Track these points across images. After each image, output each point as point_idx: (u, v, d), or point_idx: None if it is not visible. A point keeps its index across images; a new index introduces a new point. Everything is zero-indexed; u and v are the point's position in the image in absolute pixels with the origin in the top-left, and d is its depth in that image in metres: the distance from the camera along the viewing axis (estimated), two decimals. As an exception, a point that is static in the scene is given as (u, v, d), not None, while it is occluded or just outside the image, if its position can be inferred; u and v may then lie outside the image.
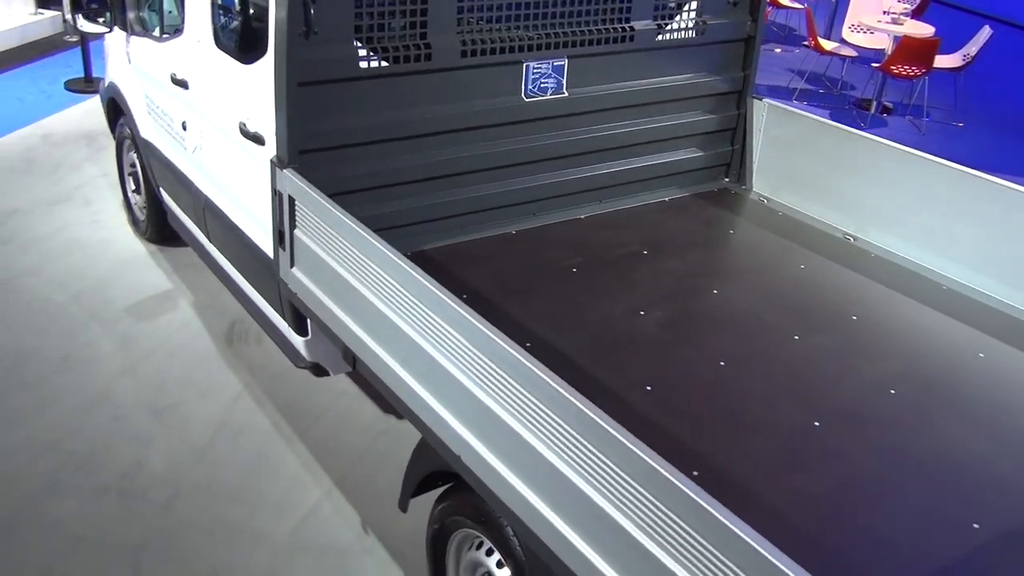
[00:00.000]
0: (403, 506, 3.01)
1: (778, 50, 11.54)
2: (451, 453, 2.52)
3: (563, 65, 3.76)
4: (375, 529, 3.53)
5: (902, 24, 8.94)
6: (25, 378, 4.24)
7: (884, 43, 9.42)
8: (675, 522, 1.80)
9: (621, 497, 1.92)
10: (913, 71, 8.47)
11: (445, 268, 3.48)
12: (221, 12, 3.68)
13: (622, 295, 3.38)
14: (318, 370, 3.64)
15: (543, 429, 2.11)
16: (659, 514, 1.84)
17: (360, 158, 3.37)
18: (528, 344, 3.01)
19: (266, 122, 3.25)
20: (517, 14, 3.56)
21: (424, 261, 3.52)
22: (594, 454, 1.98)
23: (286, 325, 3.57)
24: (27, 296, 4.89)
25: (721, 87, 4.27)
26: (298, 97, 3.11)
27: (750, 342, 3.13)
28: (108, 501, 3.58)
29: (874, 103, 9.21)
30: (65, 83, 8.04)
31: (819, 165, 4.07)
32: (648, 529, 1.87)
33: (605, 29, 3.79)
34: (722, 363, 3.00)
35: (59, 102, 7.68)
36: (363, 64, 3.26)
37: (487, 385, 2.27)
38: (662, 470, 1.81)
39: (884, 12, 9.44)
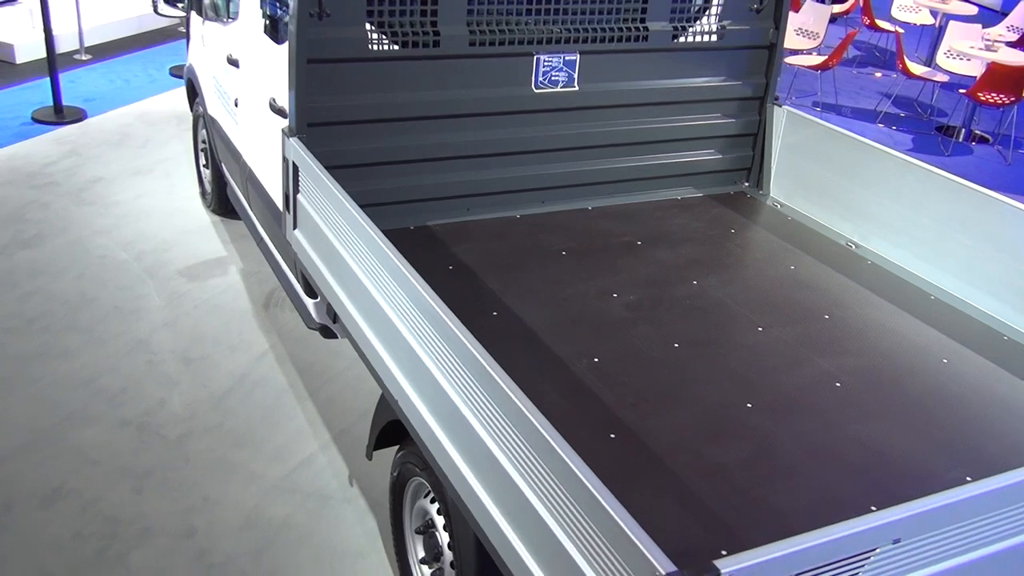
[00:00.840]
0: (368, 454, 3.24)
1: (878, 75, 11.33)
2: (396, 403, 2.74)
3: (575, 60, 3.94)
4: (360, 481, 3.77)
5: (996, 51, 8.70)
6: (79, 322, 4.68)
7: (977, 70, 9.18)
8: (549, 475, 1.94)
9: (512, 453, 2.09)
10: (1001, 99, 8.24)
11: (442, 242, 3.71)
12: (266, -3, 4.03)
13: (601, 278, 3.53)
14: (326, 332, 3.91)
15: (459, 386, 2.29)
16: (535, 466, 1.99)
17: (368, 134, 3.63)
18: (495, 312, 3.21)
19: (286, 96, 3.56)
20: (529, 8, 3.76)
21: (425, 235, 3.75)
22: (492, 407, 2.15)
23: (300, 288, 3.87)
24: (97, 253, 5.36)
25: (741, 92, 4.36)
26: (308, 73, 3.39)
27: (712, 329, 3.24)
28: (126, 432, 3.94)
29: (962, 130, 8.97)
30: (170, 69, 8.67)
31: (831, 172, 4.11)
32: (529, 483, 2.03)
33: (619, 28, 3.95)
34: (676, 345, 3.12)
35: (162, 85, 8.30)
36: (373, 47, 3.52)
37: (424, 345, 2.47)
38: (527, 413, 1.97)
39: (983, 39, 9.21)
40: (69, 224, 5.65)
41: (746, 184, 4.56)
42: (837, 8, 12.06)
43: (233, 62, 4.52)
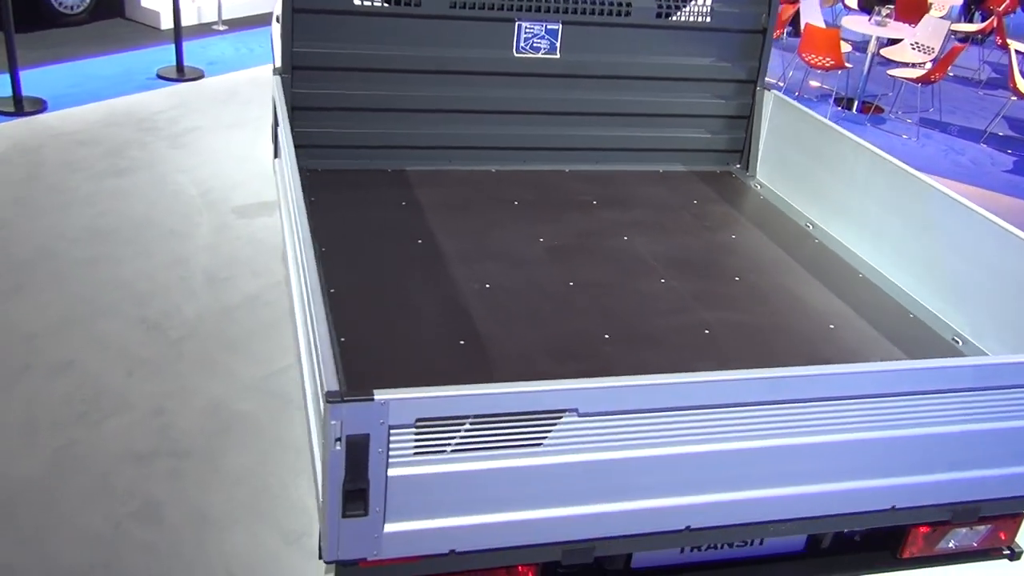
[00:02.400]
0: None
1: (1014, 97, 10.83)
2: None
3: (557, 29, 4.23)
4: (321, 392, 4.22)
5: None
6: (137, 238, 5.38)
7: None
8: (311, 311, 2.32)
9: (305, 302, 2.47)
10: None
11: (409, 184, 4.09)
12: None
13: (539, 226, 3.82)
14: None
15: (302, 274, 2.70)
16: (310, 306, 2.37)
17: (351, 81, 4.06)
18: (420, 240, 3.57)
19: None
20: (512, -24, 4.09)
21: (396, 177, 4.15)
22: (304, 278, 2.53)
23: None
24: (173, 187, 6.08)
25: (732, 74, 4.51)
26: (295, 20, 3.87)
27: (615, 276, 3.47)
28: (140, 328, 4.55)
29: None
30: (293, 42, 9.47)
31: (805, 157, 4.21)
32: (305, 315, 2.42)
33: (601, 1, 4.21)
34: (571, 283, 3.38)
35: (281, 56, 9.09)
36: (357, 1, 3.95)
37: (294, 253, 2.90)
38: (307, 274, 2.34)
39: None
40: (157, 162, 6.41)
41: (737, 166, 4.70)
42: (971, 27, 11.58)
43: (276, 18, 5.08)
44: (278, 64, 4.03)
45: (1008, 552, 2.96)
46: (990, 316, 3.22)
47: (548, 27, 4.22)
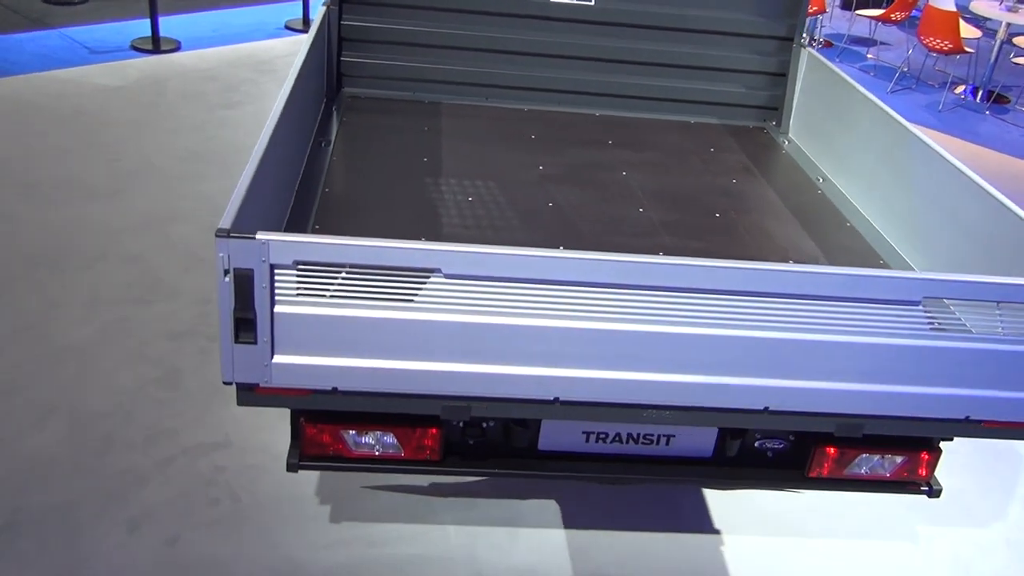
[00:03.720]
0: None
1: None
2: None
3: (593, -24, 4.43)
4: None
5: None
6: (228, 161, 5.96)
7: None
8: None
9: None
10: None
11: (440, 114, 4.40)
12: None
13: (545, 156, 4.05)
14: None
15: None
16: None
17: (395, 16, 4.40)
18: (425, 159, 3.88)
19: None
20: (551, -76, 4.32)
21: (430, 107, 4.47)
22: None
23: None
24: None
25: (766, 30, 4.56)
26: None
27: (594, 202, 3.66)
28: (206, 234, 5.10)
29: None
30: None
31: (830, 115, 4.24)
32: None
33: (638, -50, 4.38)
34: (550, 204, 3.60)
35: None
36: (405, -59, 4.29)
37: None
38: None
39: None
40: (265, 98, 7.02)
41: (773, 123, 4.75)
42: None
43: None
44: None
45: (927, 488, 3.00)
46: (956, 271, 3.24)
47: (584, -26, 4.42)
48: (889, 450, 2.91)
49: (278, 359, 2.40)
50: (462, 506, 3.52)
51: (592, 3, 4.48)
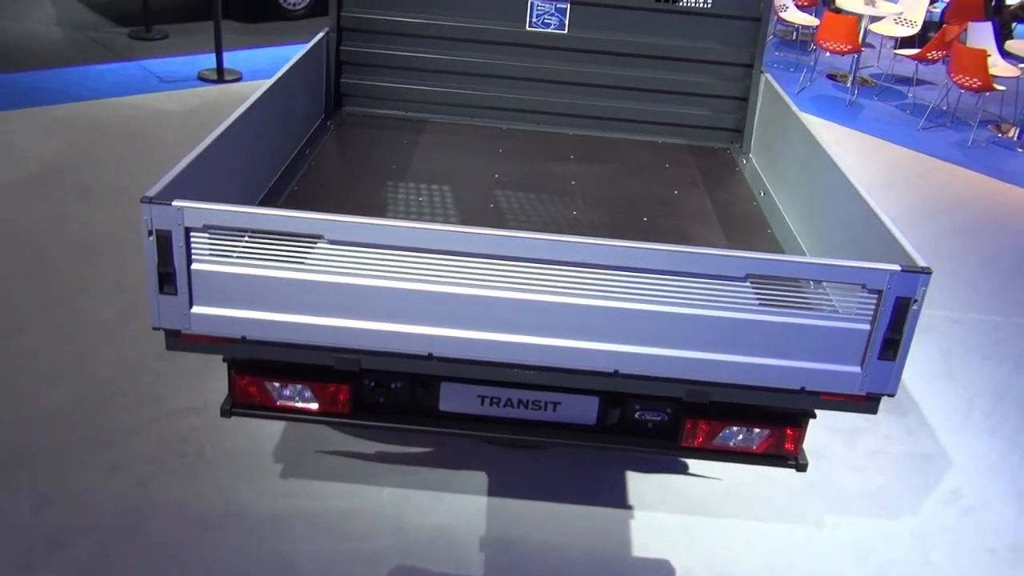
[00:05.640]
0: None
1: None
2: None
3: (566, 7, 4.86)
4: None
5: None
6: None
7: None
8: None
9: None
10: None
11: (421, 130, 4.88)
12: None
13: (505, 165, 4.47)
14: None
15: None
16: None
17: (387, 42, 4.92)
18: (394, 166, 4.36)
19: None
20: (526, -38, 4.79)
21: (415, 123, 4.96)
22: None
23: None
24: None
25: (731, 57, 4.90)
26: None
27: (534, 204, 4.06)
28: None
29: None
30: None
31: (779, 135, 4.55)
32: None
33: (607, -15, 4.80)
34: (491, 205, 4.03)
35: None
36: (397, -24, 4.83)
37: None
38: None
39: None
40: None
41: (736, 144, 5.07)
42: None
43: None
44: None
45: (793, 462, 3.27)
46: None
47: (558, 6, 4.87)
48: (756, 423, 3.20)
49: (196, 309, 2.89)
50: (400, 472, 3.93)
51: (566, 32, 4.92)
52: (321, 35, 4.85)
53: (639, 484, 3.98)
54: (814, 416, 3.21)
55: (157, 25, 9.66)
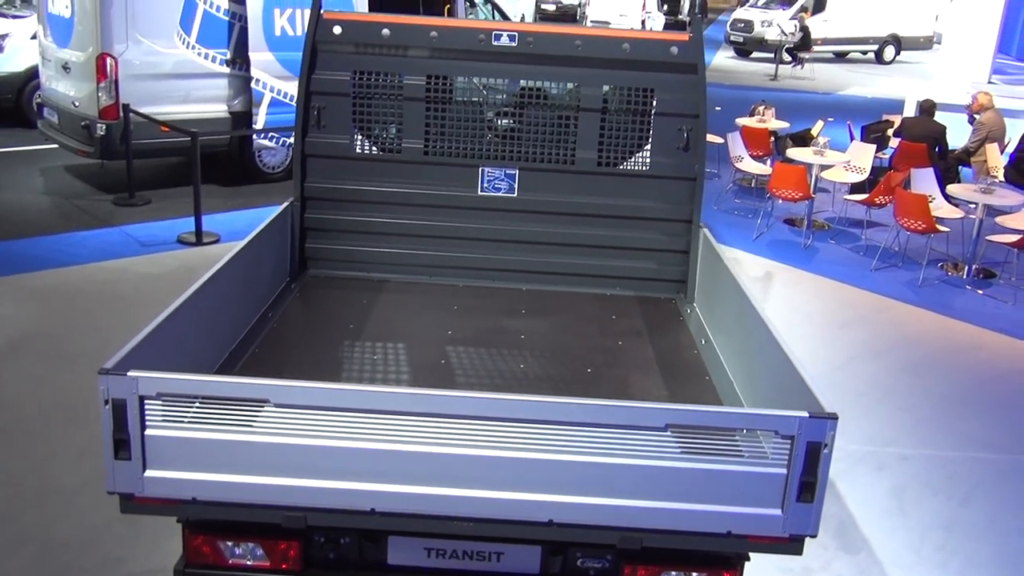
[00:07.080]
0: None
1: None
2: None
3: (515, 173, 5.22)
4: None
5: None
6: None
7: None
8: None
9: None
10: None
11: (386, 290, 5.12)
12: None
13: (459, 322, 4.71)
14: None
15: None
16: None
17: (348, 209, 5.25)
18: (351, 325, 4.59)
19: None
20: (475, 130, 5.17)
21: (375, 282, 5.21)
22: None
23: None
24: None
25: (672, 214, 5.23)
26: (306, 163, 5.17)
27: (483, 358, 4.27)
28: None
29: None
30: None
31: (717, 287, 4.81)
32: None
33: (551, 153, 5.18)
34: (442, 361, 4.23)
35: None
36: (357, 148, 5.19)
37: None
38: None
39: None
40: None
41: (681, 295, 5.34)
42: None
43: None
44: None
45: None
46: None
47: (507, 172, 5.23)
48: (693, 567, 3.31)
49: (149, 473, 3.04)
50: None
51: (515, 195, 5.26)
52: (286, 204, 5.18)
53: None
54: (748, 559, 3.32)
55: (140, 192, 10.08)
